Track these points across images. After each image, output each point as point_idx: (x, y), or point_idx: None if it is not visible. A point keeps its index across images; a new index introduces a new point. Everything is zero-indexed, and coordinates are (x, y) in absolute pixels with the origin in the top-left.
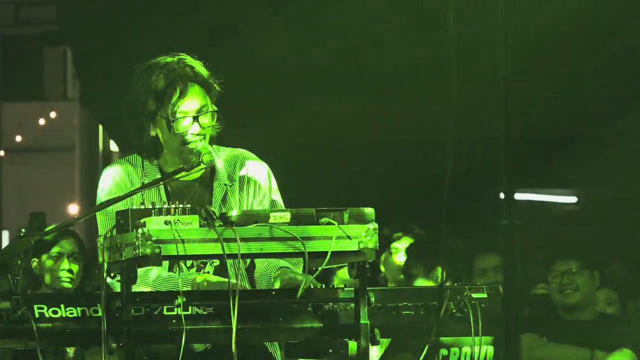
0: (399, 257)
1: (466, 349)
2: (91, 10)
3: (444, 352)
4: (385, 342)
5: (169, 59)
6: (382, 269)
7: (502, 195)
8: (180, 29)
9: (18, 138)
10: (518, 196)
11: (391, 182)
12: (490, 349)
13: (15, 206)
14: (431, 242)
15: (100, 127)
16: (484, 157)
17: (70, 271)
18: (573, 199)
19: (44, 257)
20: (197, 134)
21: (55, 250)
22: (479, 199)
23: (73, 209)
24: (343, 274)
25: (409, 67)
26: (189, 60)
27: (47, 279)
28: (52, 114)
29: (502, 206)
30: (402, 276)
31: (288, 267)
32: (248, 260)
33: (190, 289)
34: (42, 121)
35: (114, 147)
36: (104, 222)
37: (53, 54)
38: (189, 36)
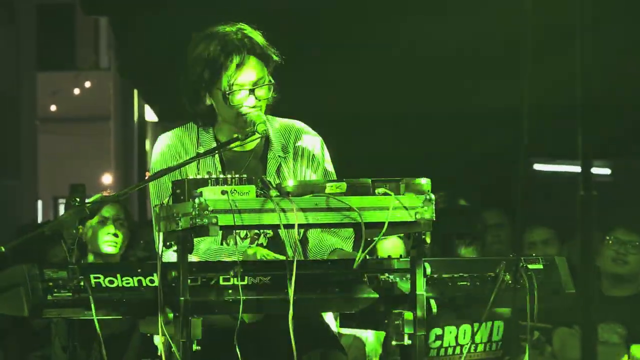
0: None
1: (465, 327)
2: None
3: (437, 331)
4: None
5: (228, 29)
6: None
7: (579, 168)
8: None
9: (53, 107)
10: (540, 167)
11: (443, 153)
12: (501, 325)
13: (50, 176)
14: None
15: (136, 97)
16: (512, 129)
17: (115, 235)
18: (606, 171)
19: (89, 222)
20: (253, 106)
21: (100, 214)
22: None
23: (107, 178)
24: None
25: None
26: (248, 30)
27: (92, 243)
28: (87, 84)
29: (580, 177)
30: None
31: (342, 249)
32: (302, 232)
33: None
34: (76, 91)
35: (149, 116)
36: (157, 191)
37: (85, 23)
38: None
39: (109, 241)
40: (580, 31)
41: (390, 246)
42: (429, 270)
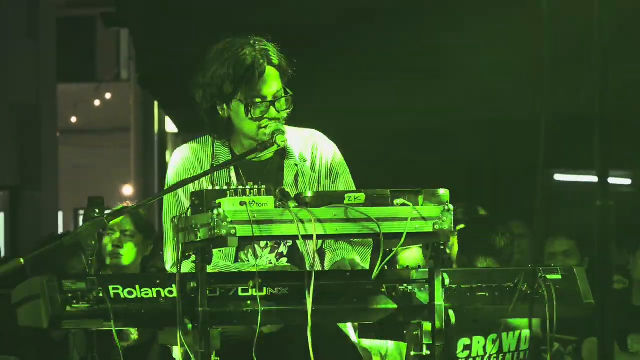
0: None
1: (493, 336)
2: None
3: (465, 341)
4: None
5: (245, 41)
6: (447, 250)
7: (595, 178)
8: (236, 8)
9: (73, 119)
10: (561, 177)
11: (459, 163)
12: (527, 334)
13: (71, 188)
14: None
15: (156, 109)
16: (529, 140)
17: (118, 246)
18: (627, 181)
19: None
20: (273, 119)
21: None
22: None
23: (128, 190)
24: (404, 259)
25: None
26: (265, 43)
27: (103, 256)
28: (107, 96)
29: (596, 187)
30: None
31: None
32: (320, 243)
33: None
34: (97, 102)
35: (169, 128)
36: (172, 203)
37: (106, 35)
38: (247, 17)
39: (112, 252)
40: (599, 43)
41: (411, 257)
42: (447, 281)
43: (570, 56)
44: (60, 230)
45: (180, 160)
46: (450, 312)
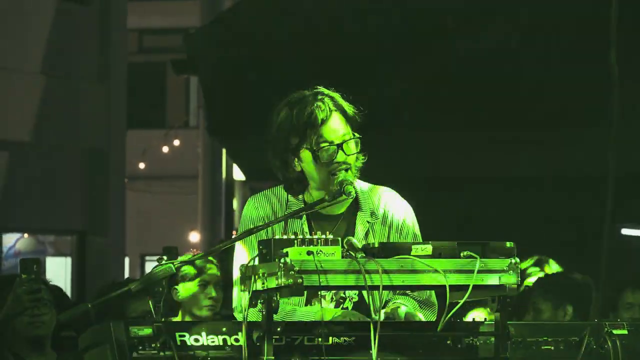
0: None
1: None
2: (219, 37)
3: None
4: None
5: (307, 92)
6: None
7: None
8: (303, 60)
9: (141, 165)
10: (629, 232)
11: (530, 217)
12: None
13: (137, 234)
14: (562, 278)
15: (224, 156)
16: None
17: (214, 299)
18: None
19: (190, 284)
20: (343, 163)
21: (202, 277)
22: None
23: (194, 237)
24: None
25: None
26: (327, 91)
27: (189, 305)
28: (176, 142)
29: None
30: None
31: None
32: (385, 295)
33: None
34: (165, 149)
35: (237, 176)
36: (244, 251)
37: (176, 82)
38: (312, 67)
39: (209, 305)
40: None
41: None
42: (513, 334)
43: None
44: (127, 275)
45: (255, 208)
46: None
